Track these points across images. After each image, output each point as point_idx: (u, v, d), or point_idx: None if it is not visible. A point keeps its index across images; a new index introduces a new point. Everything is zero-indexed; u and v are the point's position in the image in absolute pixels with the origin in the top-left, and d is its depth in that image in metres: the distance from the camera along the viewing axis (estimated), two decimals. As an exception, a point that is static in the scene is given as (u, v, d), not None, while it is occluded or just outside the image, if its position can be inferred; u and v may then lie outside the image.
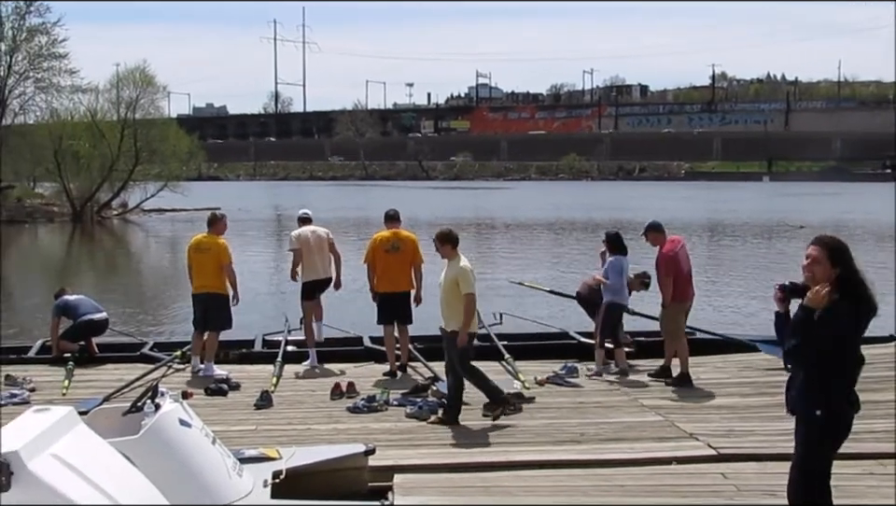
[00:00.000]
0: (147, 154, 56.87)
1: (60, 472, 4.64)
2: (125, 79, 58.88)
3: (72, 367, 11.79)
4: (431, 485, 7.27)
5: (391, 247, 11.81)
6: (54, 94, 57.84)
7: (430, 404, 9.80)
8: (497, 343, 12.55)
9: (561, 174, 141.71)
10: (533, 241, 41.27)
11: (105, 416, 6.35)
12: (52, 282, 23.89)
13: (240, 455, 6.66)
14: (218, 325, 11.85)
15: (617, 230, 12.12)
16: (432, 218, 53.81)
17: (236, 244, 12.19)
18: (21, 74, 57.61)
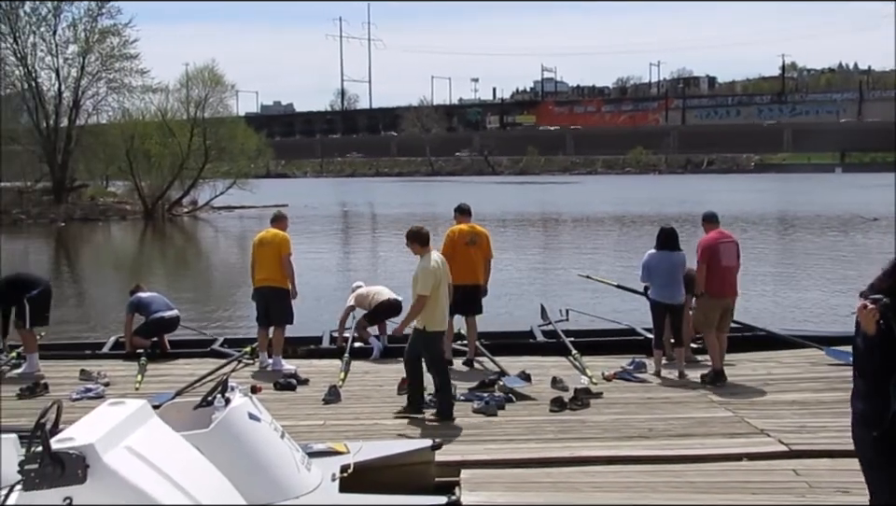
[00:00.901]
0: (216, 152, 57.64)
1: (134, 465, 4.72)
2: (194, 79, 59.79)
3: (145, 362, 12.01)
4: (498, 481, 7.27)
5: (470, 241, 11.93)
6: (126, 94, 59.06)
7: (497, 399, 9.78)
8: (563, 338, 12.55)
9: (628, 167, 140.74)
10: (600, 235, 40.99)
11: (177, 410, 6.44)
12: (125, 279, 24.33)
13: (308, 449, 6.71)
14: (281, 319, 11.97)
15: (672, 225, 11.93)
16: (499, 214, 53.81)
17: (303, 240, 12.31)
18: (94, 75, 58.82)
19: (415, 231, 9.69)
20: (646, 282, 11.57)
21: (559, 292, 21.27)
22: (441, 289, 9.45)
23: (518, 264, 29.39)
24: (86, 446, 4.59)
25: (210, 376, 11.00)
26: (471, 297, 11.89)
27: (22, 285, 12.25)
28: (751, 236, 35.02)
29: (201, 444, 5.50)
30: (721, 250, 10.93)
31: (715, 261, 10.88)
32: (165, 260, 37.67)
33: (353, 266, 30.08)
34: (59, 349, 13.32)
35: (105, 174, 62.65)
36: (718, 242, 10.98)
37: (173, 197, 58.74)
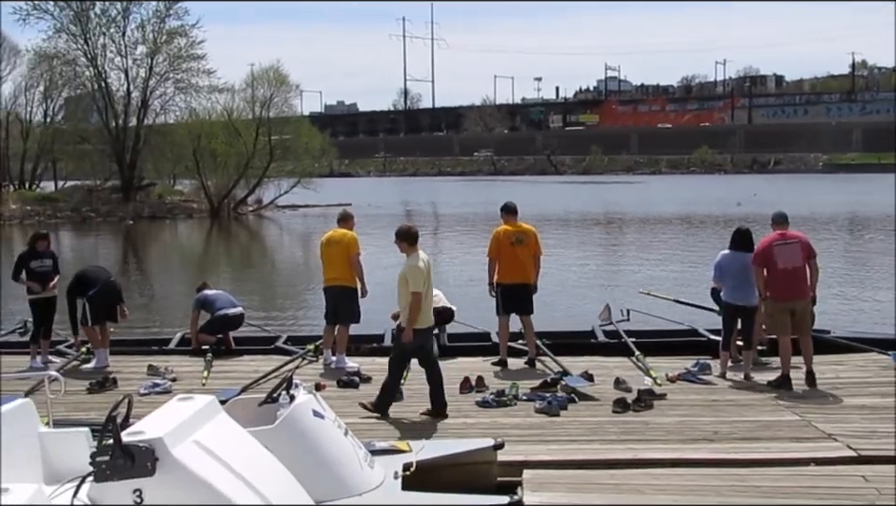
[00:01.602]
0: (281, 151, 58.21)
1: (201, 459, 4.79)
2: (259, 79, 60.36)
3: (210, 358, 12.18)
4: (560, 482, 7.24)
5: (516, 240, 11.94)
6: (193, 94, 60.04)
7: (560, 400, 9.75)
8: (626, 339, 12.47)
9: (693, 167, 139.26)
10: (664, 236, 40.57)
11: (242, 406, 6.52)
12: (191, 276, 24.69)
13: (371, 447, 6.75)
14: (348, 318, 12.07)
15: (748, 226, 11.79)
16: (562, 214, 53.64)
17: (366, 239, 12.39)
18: (162, 75, 59.81)
19: (404, 231, 9.85)
20: (718, 282, 11.41)
21: (621, 292, 21.11)
22: (426, 288, 9.58)
23: (580, 264, 29.28)
24: (155, 440, 4.67)
25: (274, 373, 11.13)
26: (522, 296, 11.93)
27: (85, 283, 12.53)
28: (822, 237, 34.46)
29: (266, 441, 5.56)
30: (775, 253, 10.75)
31: (771, 264, 10.72)
32: (230, 257, 38.13)
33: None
34: (127, 345, 13.59)
35: (172, 172, 63.60)
36: (772, 244, 10.79)
37: (238, 196, 59.40)
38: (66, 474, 5.57)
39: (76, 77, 62.11)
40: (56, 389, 7.49)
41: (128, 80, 60.08)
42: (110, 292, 12.57)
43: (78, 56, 60.19)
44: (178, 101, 60.92)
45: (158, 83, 60.09)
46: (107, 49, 59.76)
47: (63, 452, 6.04)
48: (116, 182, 60.89)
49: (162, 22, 59.63)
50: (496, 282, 12.00)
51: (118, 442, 4.63)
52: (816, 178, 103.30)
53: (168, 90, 60.59)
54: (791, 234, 11.02)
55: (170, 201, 61.40)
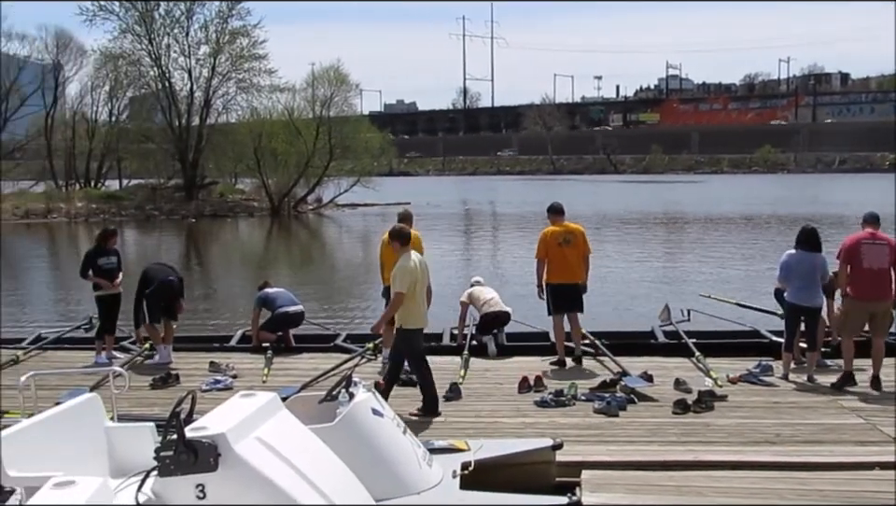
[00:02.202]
0: (341, 150, 58.57)
1: (263, 455, 4.84)
2: (320, 78, 60.87)
3: (271, 356, 12.31)
4: (619, 482, 7.20)
5: (563, 241, 11.91)
6: (254, 94, 60.72)
7: (619, 400, 9.71)
8: (686, 339, 12.38)
9: (755, 166, 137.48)
10: (726, 235, 40.13)
11: (302, 404, 6.57)
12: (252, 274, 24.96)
13: (429, 445, 6.77)
14: None
15: (813, 225, 11.61)
16: (622, 213, 53.28)
17: (425, 238, 12.41)
18: (224, 75, 60.55)
19: (397, 231, 9.94)
20: (783, 282, 11.24)
21: (682, 292, 20.92)
22: (417, 288, 9.60)
23: (641, 264, 29.09)
24: (218, 435, 4.73)
25: (334, 371, 11.22)
26: (571, 295, 11.92)
27: (145, 281, 12.75)
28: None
29: (325, 438, 5.60)
30: (863, 251, 10.58)
31: (856, 262, 10.56)
32: (291, 256, 38.45)
33: (473, 264, 30.17)
34: (189, 342, 13.78)
35: (233, 171, 64.36)
36: (860, 242, 10.62)
37: (298, 194, 59.91)
38: (131, 468, 5.67)
39: (140, 76, 63.14)
40: (120, 385, 7.63)
41: (191, 80, 61.02)
42: (166, 290, 12.74)
43: (143, 56, 61.23)
44: (240, 100, 61.76)
45: (220, 83, 60.94)
46: (171, 49, 60.72)
47: (128, 446, 6.16)
48: (178, 181, 61.77)
49: (225, 23, 60.42)
50: (545, 283, 11.99)
51: (181, 438, 4.69)
52: (882, 178, 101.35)
53: (230, 89, 61.43)
54: (880, 236, 10.81)
55: (231, 199, 62.11)
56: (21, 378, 7.21)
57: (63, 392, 9.71)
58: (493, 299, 13.07)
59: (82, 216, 55.57)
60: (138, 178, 67.69)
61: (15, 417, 7.14)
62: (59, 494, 4.15)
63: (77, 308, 19.50)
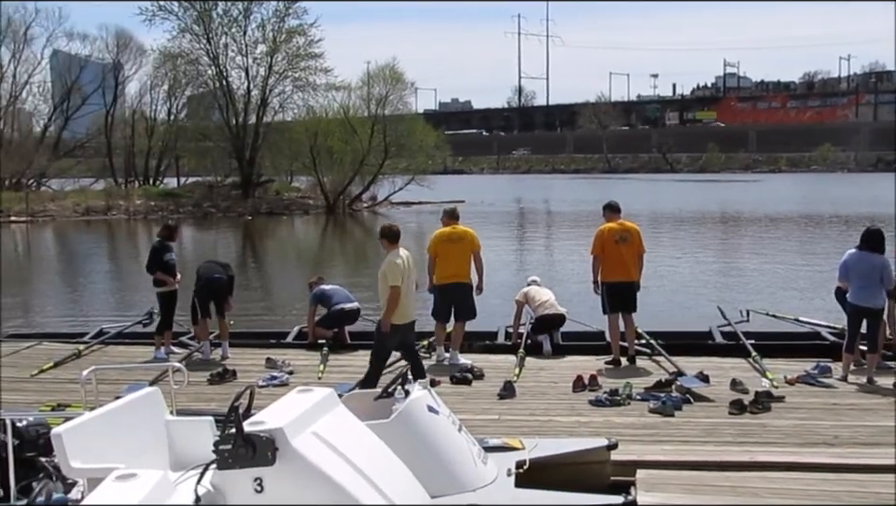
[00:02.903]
0: (396, 149, 58.70)
1: (320, 450, 4.89)
2: (375, 77, 61.01)
3: (326, 352, 12.40)
4: (674, 482, 7.15)
5: (620, 238, 11.87)
6: (310, 92, 61.13)
7: (674, 400, 9.65)
8: (743, 340, 12.27)
9: (814, 165, 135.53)
10: (784, 235, 39.61)
11: (358, 400, 6.62)
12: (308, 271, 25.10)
13: (484, 443, 6.78)
14: (468, 315, 12.13)
15: (879, 226, 11.43)
16: (677, 212, 52.85)
17: (480, 236, 12.43)
18: (281, 73, 61.04)
19: (386, 229, 10.42)
20: (844, 282, 11.08)
21: (739, 292, 20.74)
22: (406, 284, 10.03)
23: (698, 263, 28.84)
24: (276, 430, 4.78)
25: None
26: (625, 294, 11.88)
27: (196, 278, 12.91)
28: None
29: (381, 434, 5.63)
30: None
31: None
32: (346, 253, 38.66)
33: (527, 262, 30.12)
34: (245, 338, 13.90)
35: (289, 169, 64.86)
36: None
37: (353, 192, 60.16)
38: (190, 461, 5.75)
39: (198, 75, 63.90)
40: (179, 380, 7.72)
41: (248, 79, 61.59)
42: (213, 288, 12.83)
43: (201, 55, 61.94)
44: (296, 99, 62.21)
45: (277, 81, 61.41)
46: (229, 48, 61.35)
47: (187, 440, 6.25)
48: (235, 178, 62.38)
49: (282, 22, 60.88)
50: (600, 281, 11.94)
51: (240, 432, 4.75)
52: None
53: (286, 88, 61.91)
54: None
55: (287, 197, 62.61)
56: (83, 372, 7.33)
57: (124, 386, 9.87)
58: (548, 301, 13.03)
59: (141, 213, 56.36)
60: (196, 176, 68.53)
61: (77, 410, 7.27)
62: (121, 486, 4.23)
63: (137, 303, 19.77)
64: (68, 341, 13.75)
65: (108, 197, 59.77)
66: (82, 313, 21.21)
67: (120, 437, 5.85)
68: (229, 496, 4.80)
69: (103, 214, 56.29)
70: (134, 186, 67.61)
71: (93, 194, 62.33)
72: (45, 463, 6.33)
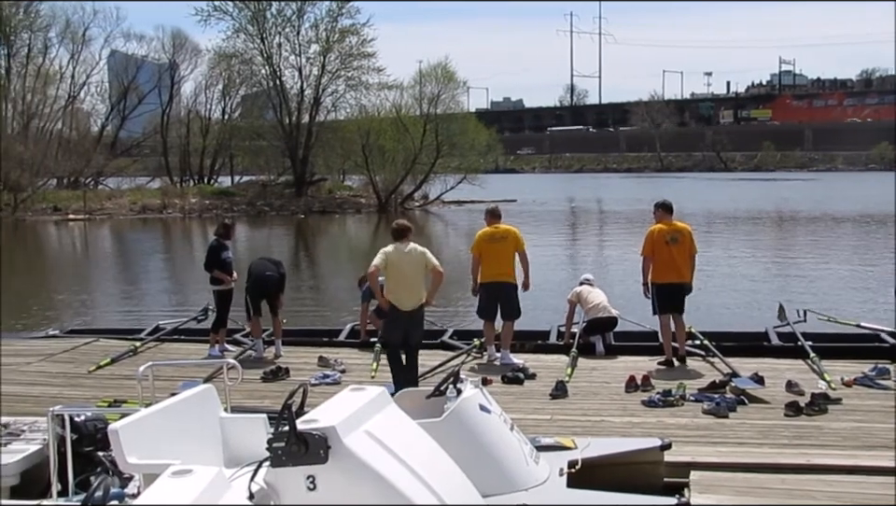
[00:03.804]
0: (448, 148, 58.71)
1: (372, 448, 4.89)
2: (427, 76, 61.11)
3: (379, 351, 12.41)
4: (729, 484, 7.09)
5: (671, 239, 11.77)
6: (363, 91, 61.44)
7: (728, 401, 9.54)
8: (801, 341, 12.10)
9: (871, 164, 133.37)
10: (841, 235, 39.06)
11: (410, 399, 6.63)
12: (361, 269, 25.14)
13: (537, 442, 6.76)
14: (513, 314, 12.10)
15: None
16: (731, 211, 52.32)
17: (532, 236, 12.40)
18: (334, 73, 61.45)
19: (392, 228, 11.07)
20: None
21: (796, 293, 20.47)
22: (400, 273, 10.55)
23: (752, 263, 28.53)
24: (328, 428, 4.79)
25: (440, 367, 11.30)
26: (675, 295, 11.77)
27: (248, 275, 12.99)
28: None
29: (433, 433, 5.63)
30: None
31: None
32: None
33: (579, 261, 30.01)
34: (298, 335, 13.98)
35: (342, 168, 65.21)
36: None
37: (405, 191, 60.33)
38: (244, 458, 5.80)
39: (252, 75, 64.60)
40: (234, 377, 7.79)
41: (301, 78, 62.06)
42: (263, 285, 12.87)
43: (255, 55, 62.56)
44: (349, 98, 62.57)
45: (330, 81, 61.81)
46: (282, 47, 61.91)
47: (241, 437, 6.31)
48: (289, 177, 62.89)
49: (335, 21, 61.25)
50: (650, 282, 11.86)
51: (293, 430, 4.78)
52: None
53: (339, 87, 62.27)
54: None
55: (339, 196, 62.96)
56: (140, 368, 7.43)
57: (179, 383, 9.99)
58: (600, 303, 12.94)
59: (196, 211, 57.02)
60: (249, 175, 69.23)
61: (134, 406, 7.36)
62: (177, 482, 4.27)
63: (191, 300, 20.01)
64: (125, 337, 13.94)
65: (164, 196, 60.58)
66: (139, 310, 21.48)
67: (176, 433, 5.91)
68: (282, 493, 4.83)
69: (158, 212, 57.04)
70: (189, 184, 68.42)
71: (149, 193, 63.24)
72: (102, 458, 6.42)
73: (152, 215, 56.43)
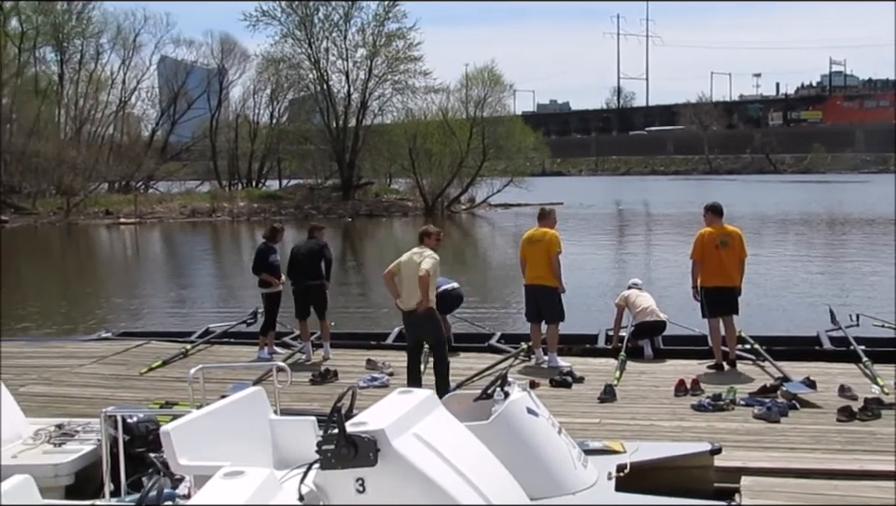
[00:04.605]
0: (494, 151, 58.71)
1: (421, 451, 4.91)
2: (474, 79, 61.20)
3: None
4: (780, 490, 7.01)
5: (720, 242, 11.66)
6: (409, 95, 61.64)
7: (780, 406, 9.43)
8: (854, 345, 11.95)
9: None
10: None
11: (458, 402, 6.64)
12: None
13: (584, 446, 6.74)
14: (552, 317, 12.05)
15: None
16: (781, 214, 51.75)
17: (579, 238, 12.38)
18: (380, 77, 61.73)
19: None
20: None
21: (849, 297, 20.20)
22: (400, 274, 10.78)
23: (803, 267, 28.20)
24: (377, 431, 4.81)
25: (488, 371, 11.28)
26: (726, 299, 11.66)
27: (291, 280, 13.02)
28: None
29: (480, 435, 5.63)
30: None
31: None
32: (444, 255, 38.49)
33: (627, 265, 29.84)
34: (346, 338, 14.05)
35: (388, 171, 65.49)
36: None
37: (452, 194, 60.41)
38: (293, 460, 5.85)
39: (300, 79, 65.07)
40: (283, 379, 7.84)
41: (348, 82, 62.40)
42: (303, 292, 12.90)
43: (303, 60, 63.03)
44: (395, 101, 62.87)
45: (376, 84, 62.11)
46: (329, 52, 62.33)
47: (290, 439, 6.35)
48: (336, 181, 63.26)
49: (381, 26, 61.54)
50: (699, 285, 11.76)
51: (342, 433, 4.80)
52: None
53: (386, 91, 62.57)
54: None
55: (386, 199, 63.21)
56: (191, 371, 7.51)
57: (229, 385, 10.07)
58: (648, 307, 12.86)
59: (244, 215, 57.51)
60: (297, 178, 69.72)
61: (185, 408, 7.44)
62: (229, 483, 4.31)
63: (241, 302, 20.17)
64: (176, 340, 14.08)
65: (213, 199, 61.20)
66: (189, 312, 21.70)
67: (226, 435, 5.97)
68: (331, 495, 4.85)
69: (207, 216, 57.62)
70: (238, 188, 69.12)
71: (198, 196, 63.89)
72: (154, 459, 6.50)
73: (201, 218, 57.00)
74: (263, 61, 66.70)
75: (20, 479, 4.83)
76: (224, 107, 76.73)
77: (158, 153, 72.45)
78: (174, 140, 78.51)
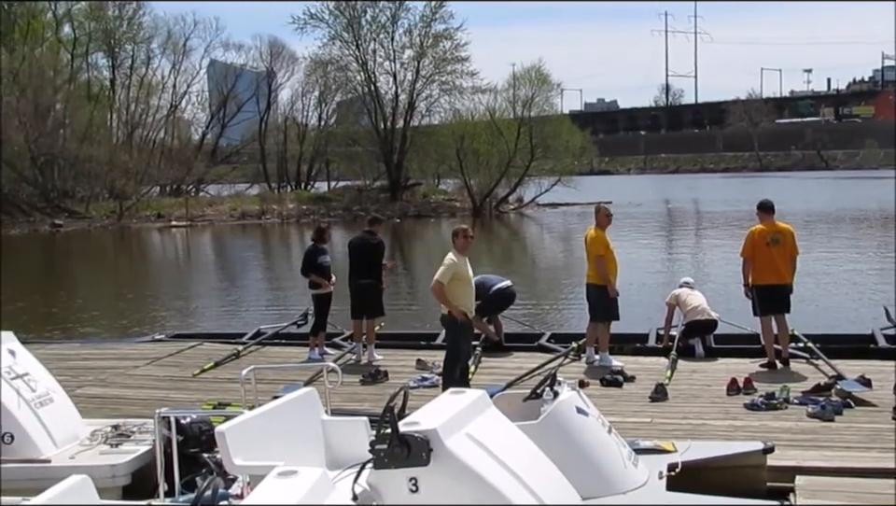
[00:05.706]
0: (542, 150, 58.53)
1: (473, 451, 4.93)
2: (521, 78, 61.03)
3: (479, 354, 12.45)
4: (836, 490, 6.92)
5: (772, 240, 11.55)
6: (456, 95, 61.61)
7: (834, 404, 9.32)
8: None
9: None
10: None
11: (507, 401, 6.64)
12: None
13: (635, 445, 6.71)
14: (602, 316, 12.00)
15: None
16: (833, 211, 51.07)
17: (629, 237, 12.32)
18: (428, 77, 61.83)
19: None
20: None
21: None
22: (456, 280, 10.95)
23: (857, 264, 27.80)
24: (430, 431, 4.83)
25: (538, 370, 11.26)
26: (778, 296, 11.55)
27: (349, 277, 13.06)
28: None
29: (530, 435, 5.63)
30: None
31: None
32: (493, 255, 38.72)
33: (677, 263, 29.62)
34: (396, 339, 14.09)
35: (436, 172, 65.54)
36: None
37: (500, 194, 60.33)
38: (346, 460, 5.88)
39: (347, 81, 65.36)
40: (334, 380, 7.89)
41: (396, 84, 62.55)
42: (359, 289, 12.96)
43: (350, 62, 63.31)
44: (443, 102, 62.91)
45: (424, 85, 62.21)
46: (377, 53, 62.54)
47: (342, 439, 6.40)
48: (384, 182, 63.44)
49: (428, 27, 61.64)
50: (751, 283, 11.66)
51: (395, 432, 4.83)
52: None
53: (433, 92, 62.65)
54: None
55: (434, 200, 63.24)
56: (243, 372, 7.58)
57: (280, 386, 10.16)
58: (699, 306, 12.76)
59: (293, 217, 57.89)
60: (345, 180, 70.02)
61: (237, 409, 7.51)
62: (283, 483, 4.35)
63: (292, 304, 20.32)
64: (227, 341, 14.21)
65: (262, 202, 61.68)
66: (240, 314, 21.90)
67: (279, 435, 6.02)
68: (384, 495, 4.89)
69: (257, 218, 58.07)
70: (287, 190, 69.60)
71: (248, 199, 64.46)
72: (207, 459, 6.58)
73: (251, 221, 57.47)
74: (311, 63, 67.19)
75: (77, 479, 4.91)
76: (273, 110, 77.30)
77: (208, 156, 73.14)
78: (223, 143, 79.23)
